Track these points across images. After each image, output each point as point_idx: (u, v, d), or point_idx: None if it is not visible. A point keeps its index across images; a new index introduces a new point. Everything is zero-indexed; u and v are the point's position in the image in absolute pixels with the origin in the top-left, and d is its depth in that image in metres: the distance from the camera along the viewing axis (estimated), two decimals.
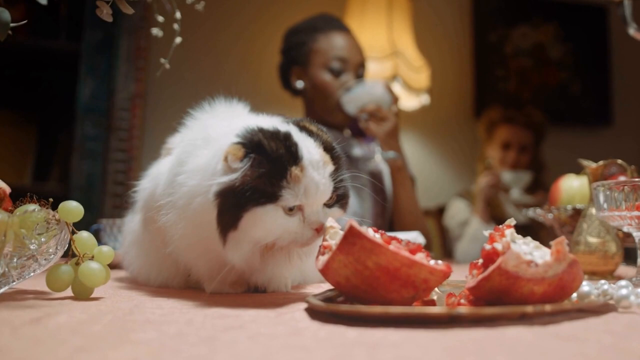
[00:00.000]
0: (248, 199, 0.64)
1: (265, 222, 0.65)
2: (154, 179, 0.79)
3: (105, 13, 0.65)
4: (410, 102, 2.69)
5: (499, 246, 0.56)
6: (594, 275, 0.99)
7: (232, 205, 0.64)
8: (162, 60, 0.98)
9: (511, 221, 0.62)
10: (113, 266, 1.00)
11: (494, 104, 2.73)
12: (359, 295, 0.55)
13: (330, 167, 0.69)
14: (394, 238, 0.56)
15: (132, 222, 0.88)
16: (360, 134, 1.73)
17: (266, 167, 0.64)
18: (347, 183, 0.72)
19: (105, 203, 2.16)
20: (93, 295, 0.68)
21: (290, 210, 0.66)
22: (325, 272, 0.56)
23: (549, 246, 0.55)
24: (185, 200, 0.68)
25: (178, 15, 0.97)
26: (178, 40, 0.95)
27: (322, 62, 1.70)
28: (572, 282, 0.55)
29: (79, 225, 0.85)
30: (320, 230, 0.67)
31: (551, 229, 1.22)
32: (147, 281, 0.83)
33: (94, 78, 2.18)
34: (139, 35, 2.17)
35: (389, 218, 1.74)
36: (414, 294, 0.54)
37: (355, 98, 1.65)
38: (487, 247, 0.57)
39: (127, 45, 2.19)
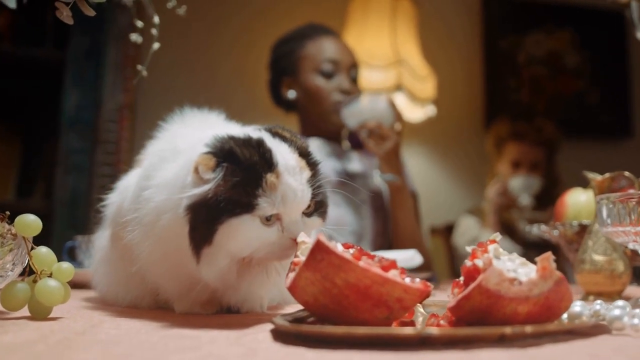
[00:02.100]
0: (222, 210, 0.63)
1: (242, 234, 0.64)
2: (121, 193, 0.80)
3: (65, 15, 0.66)
4: (415, 113, 2.68)
5: (480, 263, 0.55)
6: (601, 295, 0.98)
7: (206, 218, 0.64)
8: (139, 67, 0.99)
9: (496, 236, 0.61)
10: (84, 285, 1.00)
11: (502, 117, 2.67)
12: (329, 316, 0.54)
13: (307, 173, 0.69)
14: (366, 254, 0.55)
15: (101, 238, 0.88)
16: (359, 146, 1.72)
17: (240, 176, 0.64)
18: (325, 189, 0.72)
19: (90, 220, 2.16)
20: (52, 315, 0.67)
21: (267, 220, 0.66)
22: (293, 290, 0.55)
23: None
24: (152, 216, 0.68)
25: (156, 19, 0.99)
26: (156, 45, 0.97)
27: (313, 66, 1.70)
28: (560, 301, 0.54)
29: (59, 242, 0.85)
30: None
31: (558, 247, 1.20)
32: (116, 300, 0.82)
33: (79, 88, 2.19)
34: (127, 43, 2.18)
35: (390, 236, 1.72)
36: (387, 314, 0.53)
37: (356, 112, 1.63)
38: (468, 263, 0.56)
39: (114, 53, 2.20)
